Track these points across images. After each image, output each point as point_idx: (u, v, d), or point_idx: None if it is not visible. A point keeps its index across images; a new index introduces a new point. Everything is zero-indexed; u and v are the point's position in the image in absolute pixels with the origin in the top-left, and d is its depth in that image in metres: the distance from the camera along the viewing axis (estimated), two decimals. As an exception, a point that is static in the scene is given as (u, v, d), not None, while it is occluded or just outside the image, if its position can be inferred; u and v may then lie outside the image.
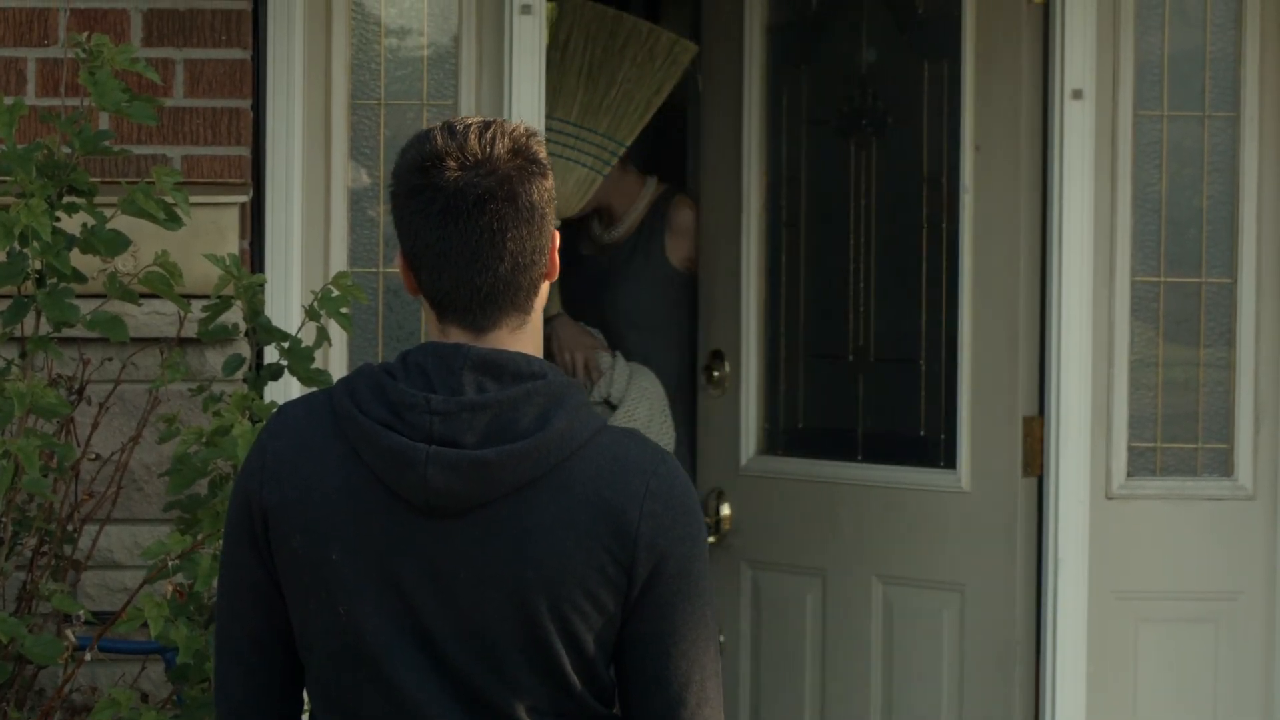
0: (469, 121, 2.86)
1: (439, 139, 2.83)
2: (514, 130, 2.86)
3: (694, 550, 2.85)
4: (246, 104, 5.28)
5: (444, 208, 2.82)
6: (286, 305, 5.35)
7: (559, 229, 2.96)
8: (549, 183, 2.86)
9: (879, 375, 5.76)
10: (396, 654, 2.81)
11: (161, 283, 4.60)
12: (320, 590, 2.83)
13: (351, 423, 2.82)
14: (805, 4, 5.82)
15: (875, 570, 5.73)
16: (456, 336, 2.86)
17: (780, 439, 5.94)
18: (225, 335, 4.78)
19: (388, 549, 2.80)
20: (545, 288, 2.90)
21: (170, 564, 4.41)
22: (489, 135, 2.83)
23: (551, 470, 2.79)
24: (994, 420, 5.69)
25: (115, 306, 4.92)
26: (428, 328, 2.93)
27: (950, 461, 5.71)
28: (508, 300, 2.85)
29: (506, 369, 2.82)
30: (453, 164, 2.82)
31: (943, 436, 5.71)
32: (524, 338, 2.87)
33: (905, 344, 5.74)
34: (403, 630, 2.81)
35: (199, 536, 4.40)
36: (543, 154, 2.87)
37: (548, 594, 2.78)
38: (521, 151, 2.84)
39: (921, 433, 5.74)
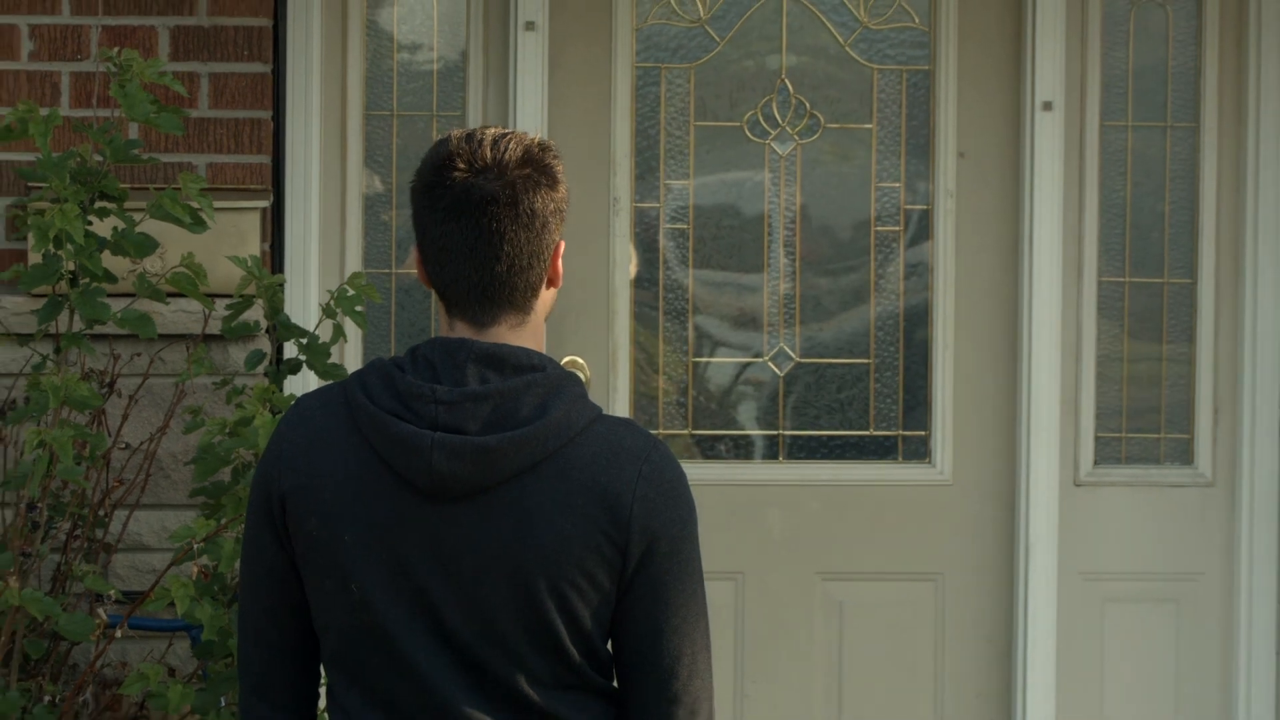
0: (488, 130, 2.87)
1: (456, 143, 2.84)
2: (528, 141, 2.85)
3: (684, 532, 2.84)
4: (267, 115, 5.27)
5: (450, 205, 2.83)
6: (305, 304, 5.35)
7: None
8: (558, 194, 2.86)
9: (856, 377, 5.75)
10: (406, 630, 2.80)
11: (187, 283, 4.59)
12: (335, 570, 2.83)
13: (363, 413, 2.82)
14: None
15: (868, 557, 5.74)
16: (462, 331, 2.86)
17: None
18: (247, 332, 4.77)
19: (397, 531, 2.80)
20: (548, 293, 2.90)
21: (196, 547, 4.39)
22: (502, 144, 2.83)
23: (550, 456, 2.79)
24: (972, 415, 5.70)
25: (144, 305, 4.91)
26: (439, 322, 2.93)
27: (931, 457, 5.72)
28: (504, 299, 2.85)
29: (508, 362, 2.82)
30: (463, 166, 2.82)
31: (923, 433, 5.72)
32: (524, 335, 2.87)
33: (883, 346, 5.73)
34: (412, 607, 2.80)
35: (223, 521, 4.39)
36: (556, 166, 2.87)
37: (546, 572, 2.78)
38: (532, 161, 2.84)
39: (903, 430, 5.73)
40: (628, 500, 2.80)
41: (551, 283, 2.89)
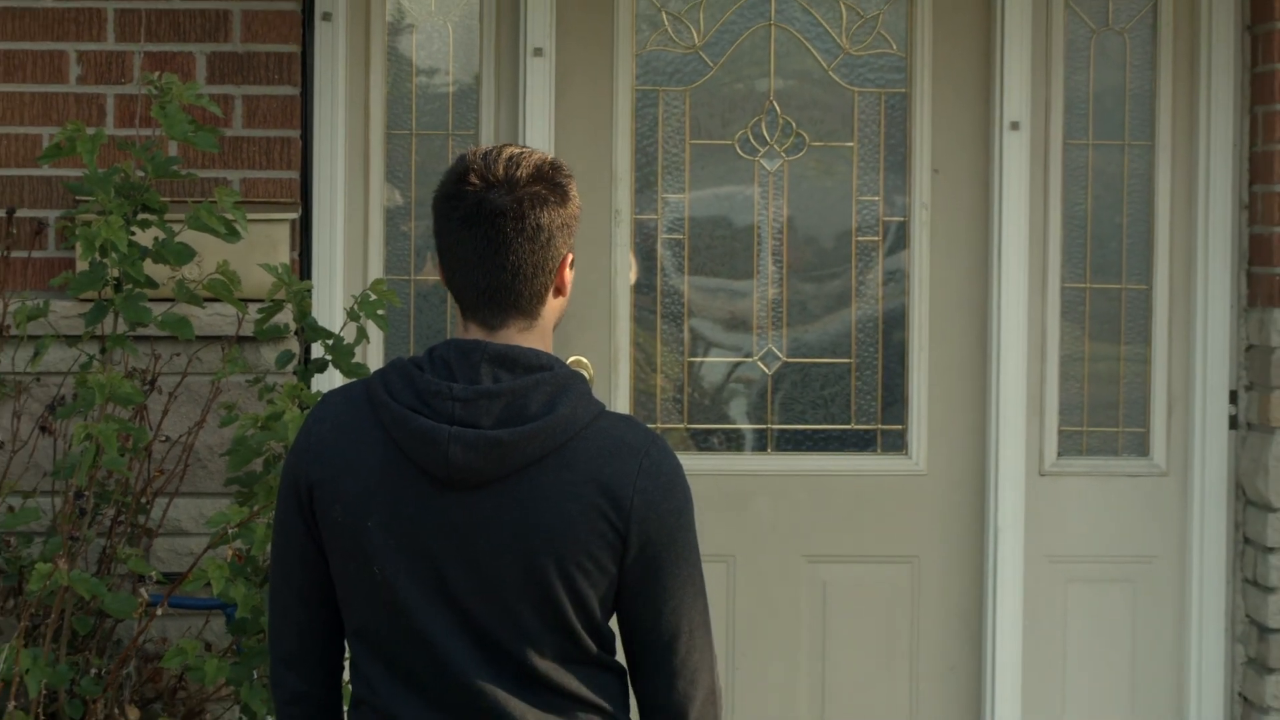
0: (506, 148, 2.86)
1: (474, 158, 2.84)
2: (539, 160, 2.85)
3: (680, 521, 2.84)
4: (296, 134, 5.26)
5: (464, 216, 2.82)
6: (330, 308, 5.35)
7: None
8: (566, 210, 2.85)
9: (839, 375, 5.74)
10: (425, 608, 2.80)
11: (222, 288, 4.60)
12: (359, 554, 2.82)
13: (385, 409, 2.82)
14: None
15: (850, 541, 5.73)
16: (475, 333, 2.85)
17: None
18: (277, 334, 4.78)
19: (416, 517, 2.80)
20: (556, 301, 2.89)
21: (230, 531, 4.40)
22: (515, 161, 2.83)
23: (557, 449, 2.79)
24: (945, 411, 5.69)
25: (183, 309, 4.92)
26: (454, 324, 2.94)
27: (908, 449, 5.71)
28: (511, 304, 2.84)
29: (519, 362, 2.82)
30: (477, 180, 2.81)
31: (900, 427, 5.72)
32: (532, 338, 2.86)
33: (864, 347, 5.73)
34: (429, 587, 2.80)
35: (255, 508, 4.40)
36: (566, 184, 2.85)
37: (554, 555, 2.78)
38: (542, 179, 2.83)
39: (882, 425, 5.73)
40: (628, 492, 2.80)
41: (559, 291, 2.88)
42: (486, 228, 2.81)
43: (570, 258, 2.88)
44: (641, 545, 2.82)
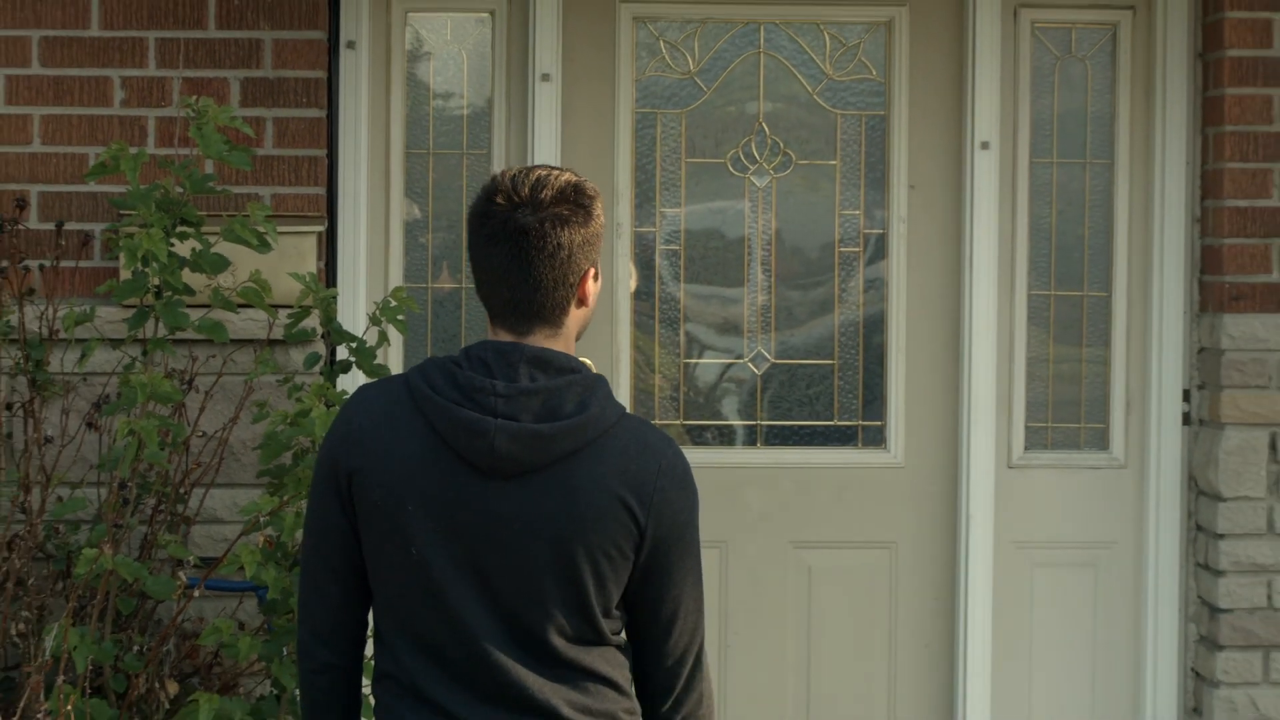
0: (535, 170, 2.86)
1: (502, 179, 2.85)
2: (563, 183, 2.85)
3: (690, 518, 2.88)
4: (322, 153, 5.26)
5: (491, 233, 2.83)
6: (354, 313, 5.35)
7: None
8: (589, 229, 2.85)
9: (823, 375, 5.75)
10: (456, 587, 2.81)
11: (255, 295, 4.61)
12: (396, 535, 2.82)
13: (429, 401, 2.82)
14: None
15: (833, 528, 5.73)
16: (504, 337, 2.87)
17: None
18: (305, 337, 4.79)
19: (453, 503, 2.80)
20: (578, 311, 2.90)
21: (261, 520, 4.40)
22: (541, 183, 2.83)
23: (588, 444, 2.81)
24: (921, 408, 5.69)
25: (218, 314, 4.94)
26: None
27: (886, 443, 5.72)
28: (534, 314, 2.85)
29: (553, 364, 2.84)
30: (502, 201, 2.83)
31: (879, 423, 5.72)
32: (556, 345, 2.88)
33: (846, 349, 5.73)
34: (462, 568, 2.81)
35: (284, 498, 4.40)
36: (589, 204, 2.85)
37: (584, 540, 2.80)
38: (565, 200, 2.84)
39: (863, 421, 5.73)
40: (650, 488, 2.83)
41: (581, 302, 2.90)
42: (511, 245, 2.82)
43: (593, 271, 2.89)
44: (656, 537, 2.84)
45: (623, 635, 2.92)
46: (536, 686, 2.82)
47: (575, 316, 2.90)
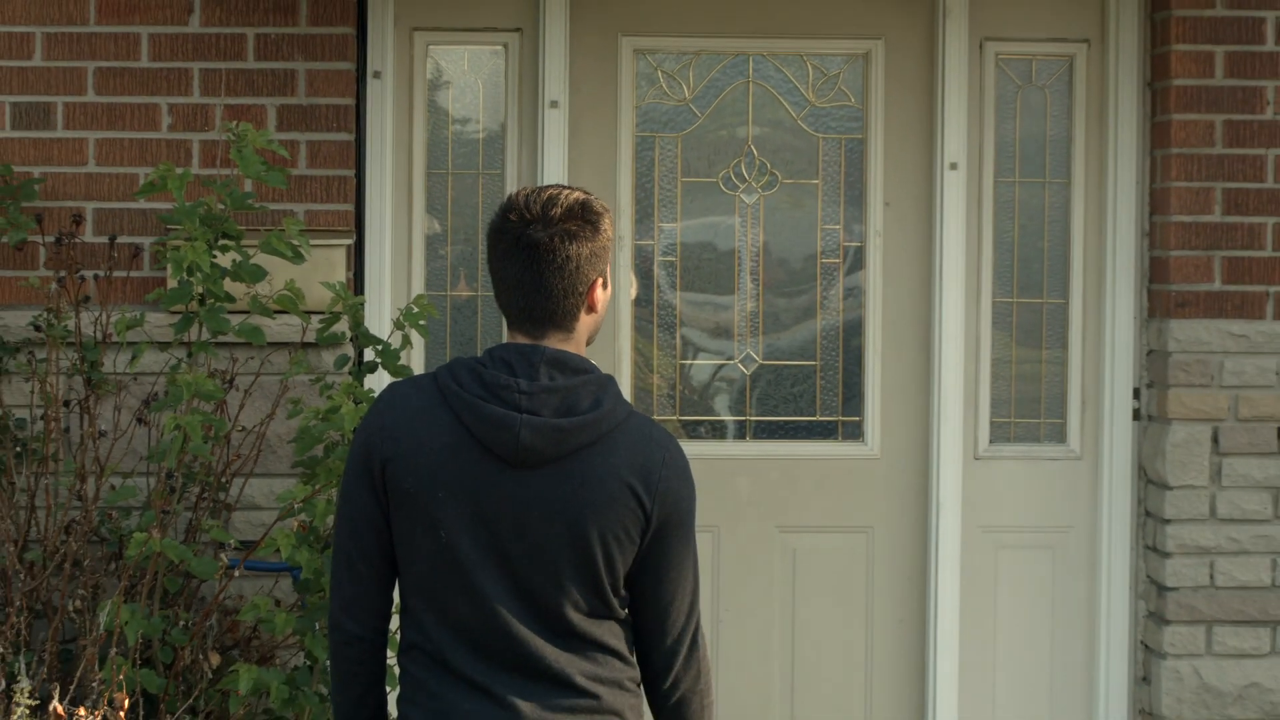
0: (548, 188, 2.87)
1: (518, 197, 2.85)
2: (572, 200, 2.85)
3: (689, 507, 2.90)
4: (350, 173, 5.27)
5: (506, 247, 2.84)
6: (380, 318, 5.34)
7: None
8: (597, 242, 2.84)
9: (806, 375, 5.76)
10: (480, 566, 2.81)
11: (289, 302, 4.62)
12: (426, 519, 2.82)
13: (457, 397, 2.82)
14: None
15: (815, 514, 5.69)
16: (521, 340, 2.88)
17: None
18: (335, 341, 4.78)
19: (480, 490, 2.81)
20: (588, 318, 2.89)
21: (296, 506, 4.43)
22: (553, 200, 2.83)
23: (602, 438, 2.82)
24: (895, 405, 5.68)
25: (256, 319, 4.94)
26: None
27: (864, 437, 5.71)
28: (547, 320, 2.86)
29: (569, 365, 2.85)
30: (515, 217, 2.83)
31: (857, 418, 5.70)
32: (570, 347, 2.88)
33: (827, 351, 5.73)
34: (486, 549, 2.81)
35: (317, 486, 4.42)
36: (598, 219, 2.85)
37: (598, 524, 2.81)
38: (575, 217, 2.84)
39: (842, 416, 5.69)
40: (655, 477, 2.85)
41: (591, 309, 2.89)
42: (525, 257, 2.83)
43: (601, 280, 2.88)
44: (659, 523, 2.86)
45: (625, 611, 2.93)
46: (553, 656, 2.83)
47: (585, 322, 2.89)
